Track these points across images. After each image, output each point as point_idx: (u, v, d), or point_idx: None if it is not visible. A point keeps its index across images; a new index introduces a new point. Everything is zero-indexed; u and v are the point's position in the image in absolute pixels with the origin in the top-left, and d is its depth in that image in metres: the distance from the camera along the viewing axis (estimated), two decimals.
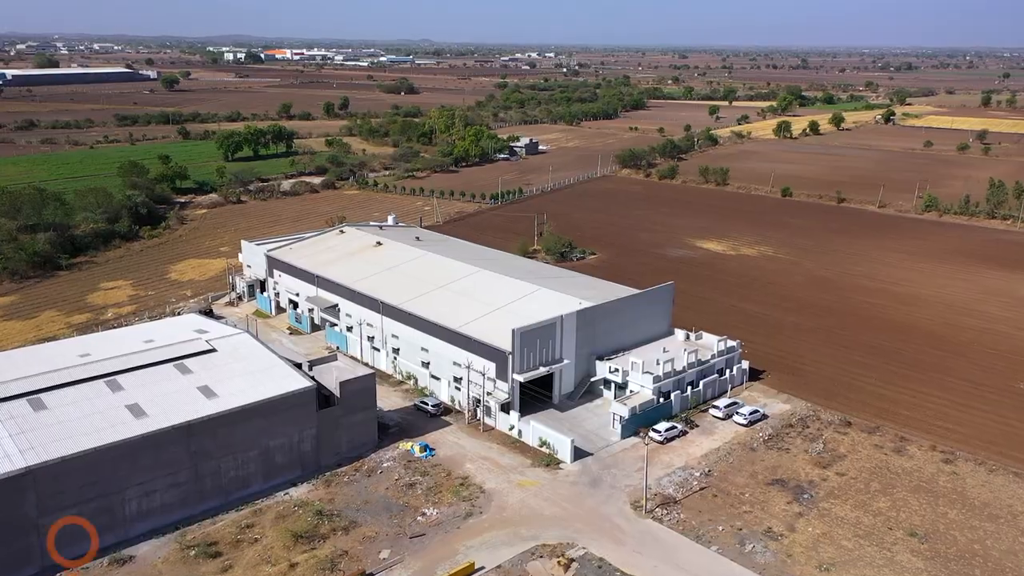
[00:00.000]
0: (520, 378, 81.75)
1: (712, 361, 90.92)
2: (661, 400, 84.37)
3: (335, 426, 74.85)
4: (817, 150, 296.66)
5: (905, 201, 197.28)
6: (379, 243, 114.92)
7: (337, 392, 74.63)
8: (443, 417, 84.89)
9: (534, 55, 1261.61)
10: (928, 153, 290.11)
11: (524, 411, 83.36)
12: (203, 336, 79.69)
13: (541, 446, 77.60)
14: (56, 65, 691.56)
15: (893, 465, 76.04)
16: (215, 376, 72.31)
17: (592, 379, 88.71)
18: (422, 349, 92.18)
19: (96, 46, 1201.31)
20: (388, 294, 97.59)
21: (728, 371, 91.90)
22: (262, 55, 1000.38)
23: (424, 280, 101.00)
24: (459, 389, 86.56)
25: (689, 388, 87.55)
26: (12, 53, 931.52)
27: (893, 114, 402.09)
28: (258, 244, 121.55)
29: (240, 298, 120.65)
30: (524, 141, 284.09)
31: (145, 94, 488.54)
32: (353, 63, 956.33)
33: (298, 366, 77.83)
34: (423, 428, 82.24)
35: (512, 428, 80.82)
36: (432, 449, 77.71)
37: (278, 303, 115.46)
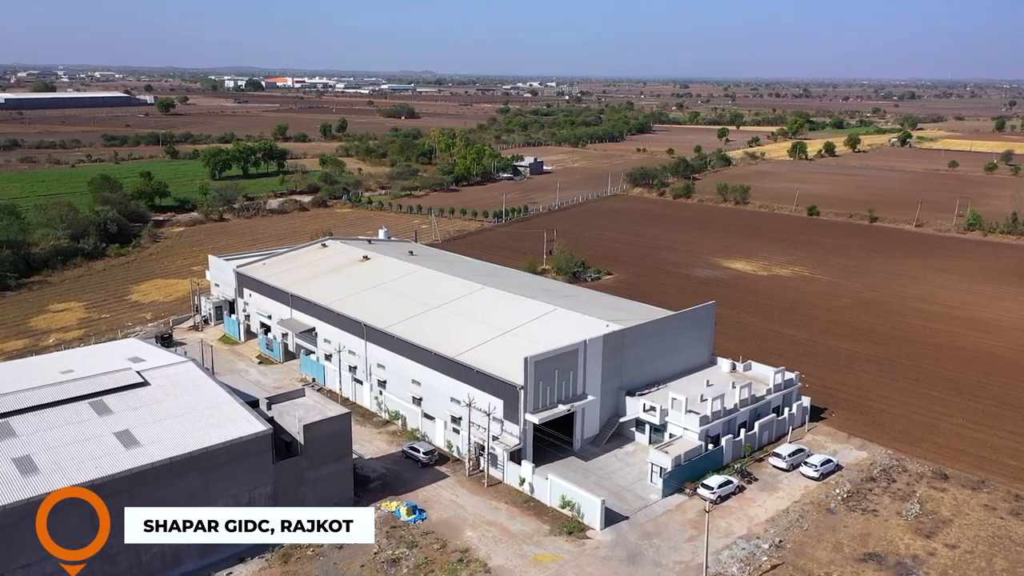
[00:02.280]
0: (534, 419, 65.35)
1: (768, 398, 74.45)
2: (709, 446, 67.78)
3: (298, 481, 58.25)
4: (836, 171, 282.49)
5: (944, 220, 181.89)
6: (366, 257, 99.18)
7: (300, 437, 58.17)
8: (438, 467, 68.23)
9: (536, 84, 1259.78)
10: (954, 174, 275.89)
11: (538, 460, 66.86)
12: (135, 366, 63.43)
13: (563, 507, 60.82)
14: (52, 90, 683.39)
15: (1015, 534, 59.17)
16: (141, 417, 55.91)
17: (621, 420, 72.21)
18: (413, 382, 75.86)
19: (98, 74, 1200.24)
20: (374, 315, 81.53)
21: (787, 410, 75.37)
22: (263, 83, 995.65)
23: (417, 299, 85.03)
24: (458, 432, 70.06)
25: (742, 431, 70.96)
26: (12, 80, 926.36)
27: (909, 136, 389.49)
28: (227, 259, 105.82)
29: (206, 321, 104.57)
30: (528, 160, 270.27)
31: (140, 117, 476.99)
32: (354, 91, 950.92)
33: (254, 404, 61.51)
34: (412, 482, 65.57)
35: (524, 483, 64.13)
36: (422, 511, 60.97)
37: (248, 327, 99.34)
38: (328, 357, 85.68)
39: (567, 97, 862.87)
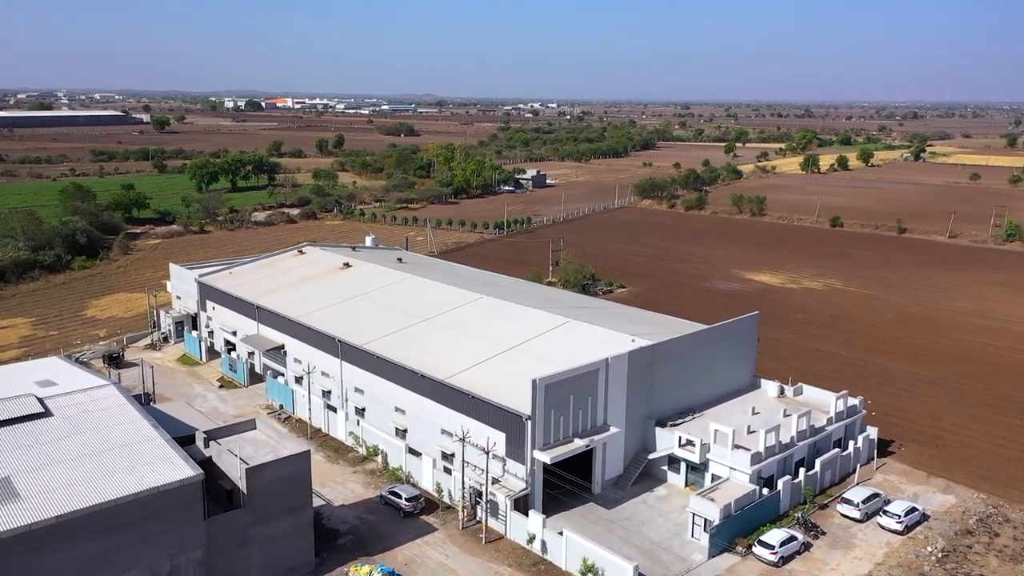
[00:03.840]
0: (545, 457, 52.11)
1: (828, 429, 61.15)
2: (764, 491, 54.37)
3: (239, 542, 44.92)
4: (852, 184, 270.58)
5: (979, 231, 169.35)
6: (347, 264, 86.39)
7: (243, 485, 44.94)
8: (424, 517, 54.87)
9: (537, 105, 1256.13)
10: (977, 186, 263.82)
11: (549, 508, 53.59)
12: (41, 391, 50.37)
13: (583, 573, 47.31)
14: (49, 109, 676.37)
15: None
16: (32, 460, 42.80)
17: (650, 456, 58.89)
18: (396, 410, 62.69)
19: (98, 96, 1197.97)
20: (351, 330, 68.56)
21: (852, 443, 62.01)
22: (263, 103, 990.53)
23: (404, 311, 72.10)
24: (450, 472, 56.78)
25: (800, 471, 57.53)
26: (12, 102, 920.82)
27: (923, 151, 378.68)
28: (190, 268, 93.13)
29: (165, 339, 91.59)
30: (531, 173, 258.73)
31: (134, 135, 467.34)
32: (354, 111, 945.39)
33: (188, 440, 48.43)
34: (391, 537, 52.20)
35: (533, 540, 50.67)
36: None
37: (211, 344, 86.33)
38: (299, 380, 72.51)
39: (568, 117, 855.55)
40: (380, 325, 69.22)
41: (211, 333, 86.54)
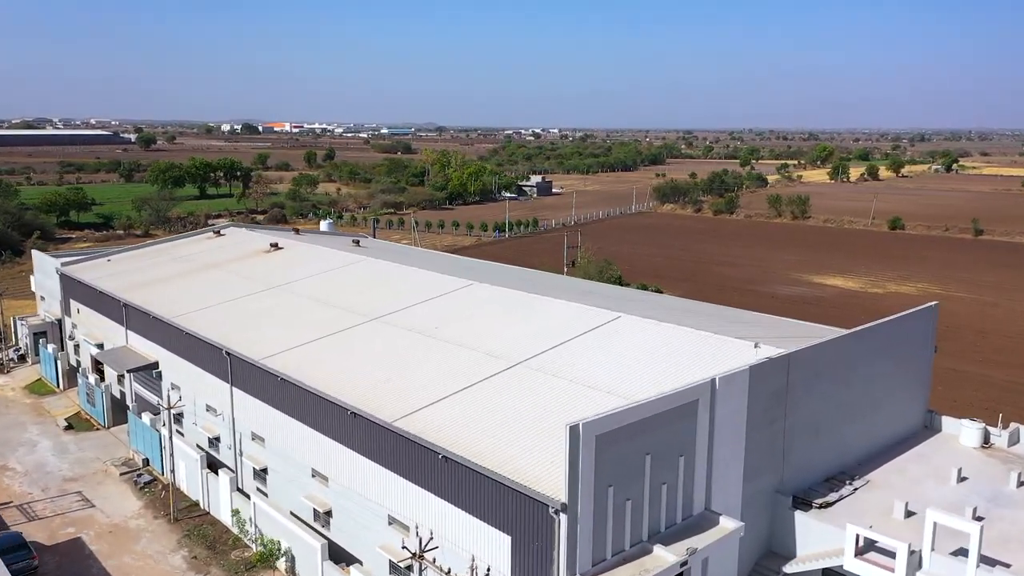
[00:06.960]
0: None
1: None
2: None
3: None
4: (891, 191, 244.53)
5: None
6: (274, 246, 59.16)
7: None
8: None
9: (538, 130, 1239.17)
10: None
11: None
12: None
13: None
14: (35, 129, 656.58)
15: None
16: None
17: (787, 570, 30.87)
18: (314, 475, 34.96)
19: (93, 120, 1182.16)
20: (254, 338, 41.10)
21: None
22: (260, 127, 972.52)
23: (346, 307, 44.61)
24: None
25: None
26: (5, 126, 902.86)
27: (955, 161, 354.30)
28: (58, 256, 66.04)
29: (22, 356, 64.20)
30: (535, 180, 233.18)
31: (117, 152, 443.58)
32: (353, 135, 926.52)
33: None
34: None
35: None
36: None
37: (78, 363, 58.82)
38: (178, 418, 44.82)
39: (571, 139, 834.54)
40: (302, 329, 41.77)
41: (77, 347, 59.04)
